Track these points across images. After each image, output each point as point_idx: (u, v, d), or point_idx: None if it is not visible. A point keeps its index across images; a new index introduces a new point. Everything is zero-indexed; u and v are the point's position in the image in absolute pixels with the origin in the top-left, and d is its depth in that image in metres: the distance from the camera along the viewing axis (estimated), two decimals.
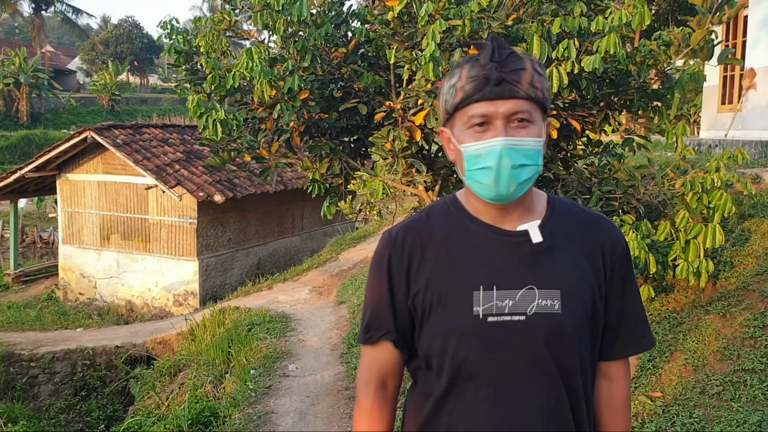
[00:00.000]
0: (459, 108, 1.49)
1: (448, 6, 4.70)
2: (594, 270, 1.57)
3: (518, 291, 1.50)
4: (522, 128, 1.46)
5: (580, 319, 1.53)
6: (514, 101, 1.45)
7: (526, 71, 1.46)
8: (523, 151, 1.46)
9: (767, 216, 5.80)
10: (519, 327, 1.49)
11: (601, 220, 1.66)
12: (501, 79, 1.44)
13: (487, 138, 1.46)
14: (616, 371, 1.68)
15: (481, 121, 1.46)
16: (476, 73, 1.46)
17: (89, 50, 55.11)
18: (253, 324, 8.43)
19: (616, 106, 5.49)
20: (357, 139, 6.26)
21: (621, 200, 5.25)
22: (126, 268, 13.72)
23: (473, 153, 1.48)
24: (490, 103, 1.45)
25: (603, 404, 1.68)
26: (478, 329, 1.49)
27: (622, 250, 1.63)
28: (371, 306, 1.63)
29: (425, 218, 1.63)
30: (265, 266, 14.51)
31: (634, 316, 1.66)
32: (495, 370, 1.50)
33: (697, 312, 5.05)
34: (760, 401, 4.01)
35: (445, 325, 1.52)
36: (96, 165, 13.83)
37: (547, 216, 1.59)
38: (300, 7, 4.93)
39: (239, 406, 5.99)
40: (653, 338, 1.71)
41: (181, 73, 5.93)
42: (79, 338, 10.54)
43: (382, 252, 1.61)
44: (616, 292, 1.62)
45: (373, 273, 1.63)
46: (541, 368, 1.50)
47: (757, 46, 9.94)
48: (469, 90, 1.47)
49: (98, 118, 38.33)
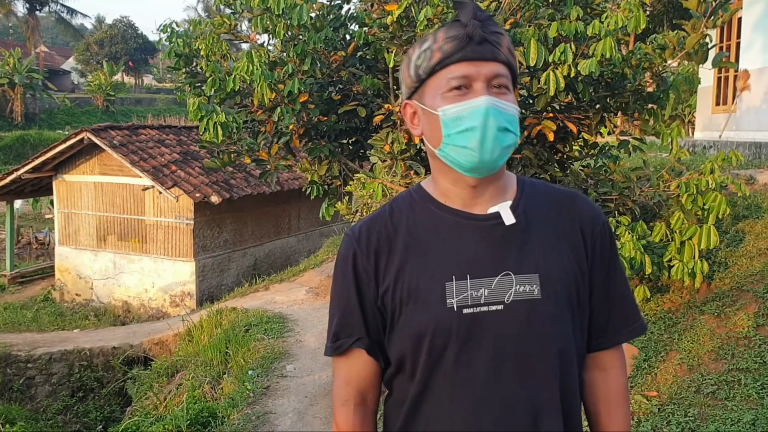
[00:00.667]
0: (435, 70, 1.36)
1: (447, 10, 4.75)
2: (573, 250, 1.44)
3: (494, 278, 1.37)
4: (502, 94, 1.36)
5: (563, 303, 1.40)
6: (495, 64, 1.35)
7: (504, 37, 1.38)
8: (506, 115, 1.35)
9: (761, 217, 5.87)
10: (497, 317, 1.36)
11: (576, 197, 1.52)
12: (483, 38, 1.34)
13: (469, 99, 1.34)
14: (609, 360, 1.54)
15: (461, 83, 1.34)
16: (456, 32, 1.34)
17: (84, 50, 54.97)
18: (250, 325, 8.45)
19: (611, 108, 5.55)
20: (356, 141, 6.30)
21: (617, 201, 5.31)
22: (123, 269, 13.72)
23: (453, 115, 1.35)
24: (471, 64, 1.34)
25: (599, 398, 1.53)
26: (453, 323, 1.36)
27: (602, 226, 1.50)
28: (339, 311, 1.48)
29: (389, 211, 1.49)
30: (262, 267, 14.53)
31: (623, 299, 1.53)
32: (473, 367, 1.37)
33: (692, 312, 5.11)
34: (754, 400, 4.07)
35: (417, 322, 1.38)
36: (92, 166, 13.83)
37: (518, 196, 1.46)
38: (300, 12, 4.97)
39: (238, 407, 6.02)
40: (644, 321, 1.57)
41: (181, 75, 5.97)
42: (76, 339, 10.53)
43: (346, 252, 1.48)
44: (600, 273, 1.48)
45: (337, 275, 1.49)
46: (524, 362, 1.37)
47: (751, 47, 10.02)
48: (449, 49, 1.34)
49: (93, 118, 38.22)
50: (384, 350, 1.47)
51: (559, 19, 4.80)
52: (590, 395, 1.54)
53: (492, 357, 1.36)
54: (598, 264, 1.48)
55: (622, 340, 1.54)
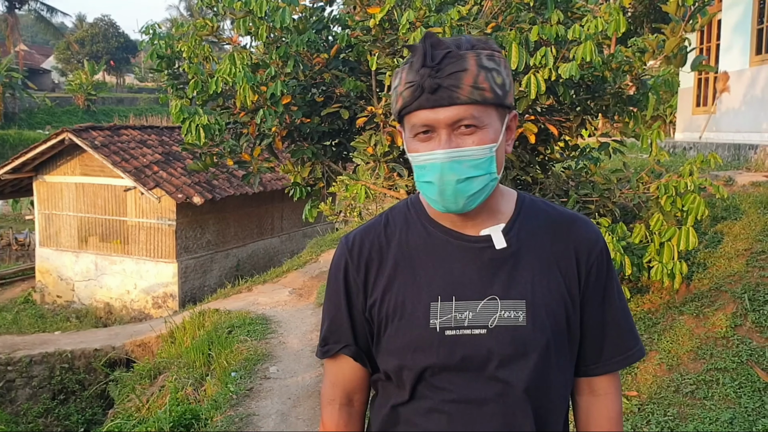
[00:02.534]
0: (401, 115, 1.36)
1: (429, 14, 4.77)
2: (565, 277, 1.41)
3: (479, 302, 1.36)
4: (468, 135, 1.30)
5: (549, 332, 1.37)
6: (454, 108, 1.29)
7: (467, 72, 1.29)
8: (469, 161, 1.30)
9: (739, 218, 5.95)
10: (479, 342, 1.34)
11: (575, 220, 1.48)
12: (437, 86, 1.28)
13: (432, 148, 1.31)
14: (604, 386, 1.50)
15: (424, 129, 1.31)
16: (411, 78, 1.31)
17: (64, 49, 54.48)
18: (233, 326, 8.44)
19: (592, 111, 5.60)
20: (339, 143, 6.31)
21: (597, 203, 5.36)
22: (104, 271, 13.64)
23: (418, 164, 1.35)
24: (429, 111, 1.29)
25: (591, 424, 1.50)
26: (435, 344, 1.35)
27: (599, 252, 1.45)
28: (328, 318, 1.50)
29: (384, 222, 1.49)
30: (245, 268, 14.49)
31: (619, 326, 1.48)
32: (452, 389, 1.36)
33: (672, 312, 5.17)
34: (731, 399, 4.13)
35: (400, 340, 1.39)
36: (74, 167, 13.73)
37: (513, 218, 1.43)
38: (283, 14, 4.97)
39: (221, 409, 6.01)
40: (642, 347, 1.53)
41: (163, 77, 5.95)
42: (57, 341, 10.45)
43: (339, 260, 1.49)
44: (594, 300, 1.45)
45: (330, 282, 1.51)
46: (503, 388, 1.35)
47: (731, 50, 10.14)
48: (407, 97, 1.32)
49: (74, 118, 37.92)
50: (372, 357, 1.48)
51: (540, 22, 4.84)
52: (583, 421, 1.52)
53: (471, 381, 1.36)
54: (592, 291, 1.45)
55: (616, 367, 1.50)
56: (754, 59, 9.52)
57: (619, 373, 1.55)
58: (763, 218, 5.79)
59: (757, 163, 7.68)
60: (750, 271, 5.19)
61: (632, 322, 1.53)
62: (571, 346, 1.44)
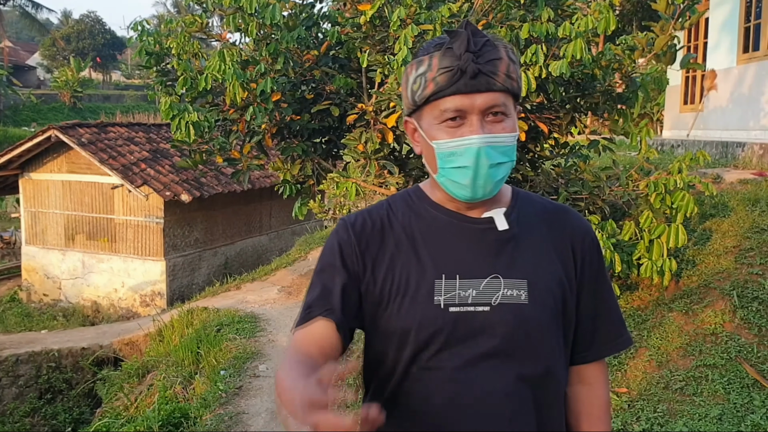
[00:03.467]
0: (430, 101, 1.36)
1: (420, 11, 4.76)
2: (563, 262, 1.46)
3: (483, 280, 1.39)
4: (498, 122, 1.35)
5: (549, 311, 1.41)
6: (490, 94, 1.33)
7: (502, 61, 1.34)
8: (500, 148, 1.36)
9: (727, 216, 5.98)
10: (482, 319, 1.37)
11: (568, 211, 1.55)
12: (477, 71, 1.32)
13: (462, 134, 1.34)
14: (593, 374, 1.55)
15: (455, 115, 1.34)
16: (450, 63, 1.32)
17: (50, 46, 54.07)
18: (222, 324, 8.40)
19: (582, 108, 5.60)
20: (329, 140, 6.29)
21: (587, 201, 5.37)
22: (91, 269, 13.55)
23: (447, 150, 1.36)
24: (465, 97, 1.33)
25: (581, 412, 1.55)
26: (438, 320, 1.36)
27: (591, 241, 1.52)
28: (318, 287, 1.43)
29: (386, 206, 1.51)
30: (233, 266, 14.44)
31: (610, 313, 1.55)
32: (455, 365, 1.37)
33: (661, 309, 5.19)
34: (720, 395, 4.15)
35: (403, 317, 1.39)
36: (60, 164, 13.63)
37: (512, 205, 1.48)
38: (273, 11, 4.94)
39: (210, 407, 5.99)
40: (630, 335, 1.59)
41: (152, 74, 5.90)
42: (43, 340, 10.37)
43: (339, 234, 1.46)
44: (588, 286, 1.50)
45: (326, 254, 1.47)
46: (506, 365, 1.38)
47: (718, 48, 10.20)
48: (442, 82, 1.33)
49: (60, 115, 37.67)
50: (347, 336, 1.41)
51: (531, 20, 4.84)
52: (573, 409, 1.55)
53: (474, 356, 1.37)
54: (586, 277, 1.50)
55: (606, 353, 1.56)
56: (742, 57, 9.57)
57: (609, 369, 1.56)
58: (751, 215, 5.83)
59: (745, 160, 7.73)
60: (738, 268, 5.23)
61: (620, 311, 1.59)
62: (566, 331, 1.47)
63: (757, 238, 5.48)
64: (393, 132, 4.95)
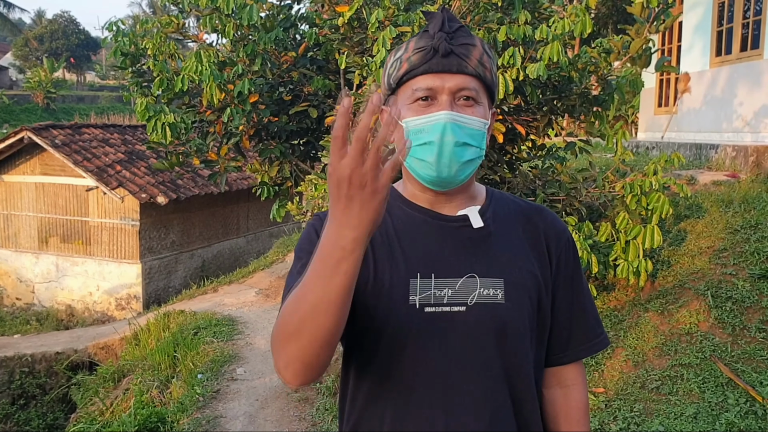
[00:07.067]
0: (403, 81, 1.37)
1: (398, 13, 4.76)
2: (538, 261, 1.44)
3: (458, 279, 1.36)
4: (468, 106, 1.34)
5: (525, 311, 1.39)
6: (461, 76, 1.33)
7: (476, 48, 1.36)
8: (467, 129, 1.33)
9: (702, 217, 6.06)
10: (458, 319, 1.34)
11: (543, 210, 1.53)
12: (449, 50, 1.33)
13: (431, 112, 1.33)
14: (571, 376, 1.54)
15: (426, 95, 1.33)
16: (424, 43, 1.34)
17: (22, 46, 53.28)
18: (199, 327, 8.33)
19: (559, 111, 5.65)
20: (307, 142, 6.27)
21: (564, 202, 5.41)
22: (66, 272, 13.37)
23: (415, 127, 1.34)
24: (436, 76, 1.33)
25: (559, 414, 1.53)
26: (413, 320, 1.34)
27: (567, 241, 1.50)
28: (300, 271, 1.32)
29: None
30: (210, 269, 14.33)
31: (586, 314, 1.52)
32: (431, 366, 1.35)
33: (637, 310, 5.25)
34: (695, 394, 4.21)
35: (378, 316, 1.35)
36: (33, 166, 13.44)
37: (487, 203, 1.47)
38: (250, 12, 4.92)
39: (187, 411, 5.93)
40: (607, 337, 1.57)
41: (127, 75, 5.84)
42: (16, 345, 10.20)
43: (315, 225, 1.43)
44: (564, 286, 1.49)
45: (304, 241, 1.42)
46: (483, 365, 1.36)
47: (691, 50, 10.33)
48: (415, 61, 1.35)
49: (33, 116, 37.11)
50: None
51: (508, 23, 4.87)
52: (550, 412, 1.53)
53: (450, 357, 1.35)
54: (562, 277, 1.48)
55: (583, 355, 1.53)
56: (714, 60, 9.71)
57: (586, 369, 1.55)
58: (724, 216, 5.91)
59: (718, 162, 7.84)
60: (713, 268, 5.30)
61: (597, 311, 1.57)
62: (541, 331, 1.45)
63: (730, 239, 5.56)
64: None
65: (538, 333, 1.44)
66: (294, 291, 1.19)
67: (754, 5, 8.89)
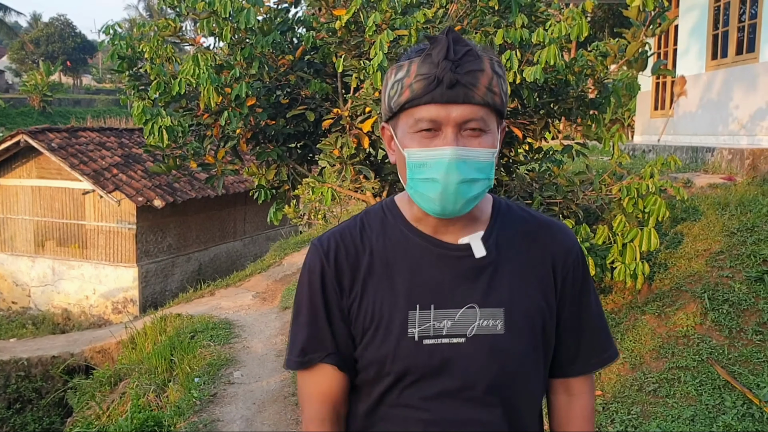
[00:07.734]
0: (405, 108, 1.29)
1: (395, 16, 4.77)
2: (542, 283, 1.40)
3: (458, 310, 1.33)
4: (475, 137, 1.28)
5: (526, 340, 1.36)
6: (468, 107, 1.26)
7: (484, 73, 1.26)
8: (474, 163, 1.27)
9: (698, 219, 6.07)
10: (457, 351, 1.32)
11: (551, 226, 1.46)
12: (455, 81, 1.24)
13: (436, 146, 1.26)
14: (579, 387, 1.50)
15: (429, 126, 1.26)
16: (427, 70, 1.25)
17: (18, 49, 53.26)
18: (195, 331, 8.32)
19: (555, 114, 5.67)
20: (304, 145, 6.27)
21: (561, 205, 5.42)
22: (62, 276, 13.34)
23: (418, 161, 1.29)
24: (441, 107, 1.25)
25: (564, 420, 1.51)
26: (412, 353, 1.32)
27: (575, 258, 1.45)
28: (306, 325, 1.40)
29: (359, 227, 1.43)
30: (207, 272, 14.32)
31: (595, 330, 1.49)
32: (429, 399, 1.34)
33: (634, 312, 5.25)
34: (693, 396, 4.21)
35: (377, 349, 1.35)
36: (29, 169, 13.42)
37: (491, 225, 1.41)
38: (247, 15, 4.92)
39: (184, 415, 5.92)
40: (616, 349, 1.54)
41: (124, 78, 5.84)
42: (12, 349, 10.18)
43: (313, 263, 1.41)
44: (570, 305, 1.44)
45: (303, 286, 1.42)
46: (481, 398, 1.34)
47: (687, 54, 10.35)
48: (418, 90, 1.26)
49: (29, 119, 37.07)
50: (351, 362, 1.41)
51: (505, 26, 4.88)
52: (556, 418, 1.52)
53: (449, 390, 1.34)
54: (569, 296, 1.44)
55: (592, 370, 1.50)
56: (710, 64, 9.73)
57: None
58: (721, 219, 5.92)
59: (714, 165, 7.85)
60: (709, 271, 5.31)
61: (606, 325, 1.54)
62: (546, 351, 1.43)
63: (727, 242, 5.57)
64: (369, 137, 4.95)
65: (544, 354, 1.42)
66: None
67: (749, 9, 8.92)
